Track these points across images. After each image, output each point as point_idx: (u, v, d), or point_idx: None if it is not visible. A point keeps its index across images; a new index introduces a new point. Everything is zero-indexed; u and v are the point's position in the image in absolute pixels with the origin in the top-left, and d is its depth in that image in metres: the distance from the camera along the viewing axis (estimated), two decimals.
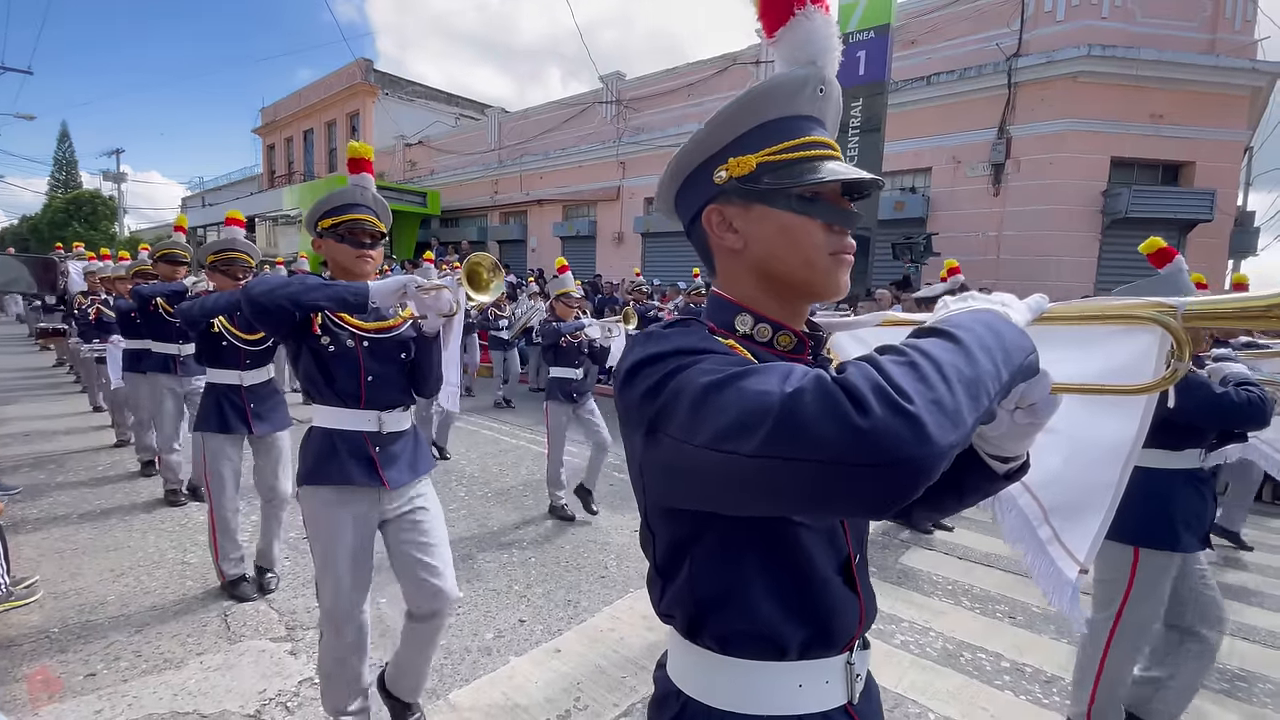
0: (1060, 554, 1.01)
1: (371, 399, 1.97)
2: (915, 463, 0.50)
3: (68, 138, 43.42)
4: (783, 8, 0.77)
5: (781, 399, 0.55)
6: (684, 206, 0.87)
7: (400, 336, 2.04)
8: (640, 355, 0.70)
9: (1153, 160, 9.07)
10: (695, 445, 0.59)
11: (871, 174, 0.77)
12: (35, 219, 38.61)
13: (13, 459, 5.23)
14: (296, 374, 2.00)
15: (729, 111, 0.78)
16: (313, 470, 1.93)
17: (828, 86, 0.80)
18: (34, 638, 2.72)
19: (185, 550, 3.65)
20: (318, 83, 23.85)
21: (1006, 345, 0.62)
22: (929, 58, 9.96)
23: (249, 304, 1.84)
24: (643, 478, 0.76)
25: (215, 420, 3.10)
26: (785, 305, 0.82)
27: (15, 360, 11.40)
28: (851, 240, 0.80)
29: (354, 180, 2.04)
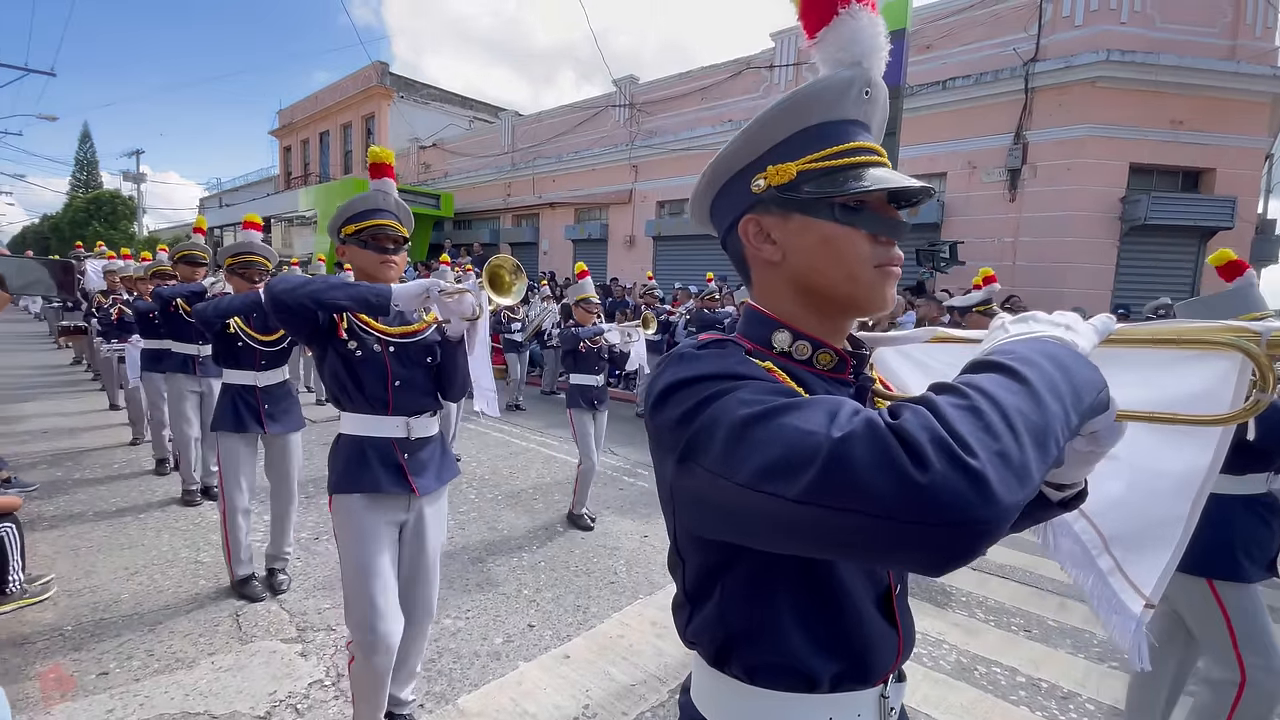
0: (1124, 586, 0.93)
1: (399, 404, 1.97)
2: (979, 524, 0.46)
3: (89, 138, 44.28)
4: (825, 7, 0.73)
5: (830, 443, 0.51)
6: (719, 216, 0.83)
7: (425, 341, 2.04)
8: (673, 378, 0.66)
9: (1172, 167, 8.94)
10: (733, 482, 0.56)
11: (919, 182, 0.72)
12: (56, 218, 39.32)
13: (31, 456, 5.30)
14: (323, 380, 2.01)
15: (768, 117, 0.74)
16: (343, 478, 1.93)
17: (874, 89, 0.75)
18: (48, 635, 2.74)
19: (199, 549, 3.68)
20: (334, 85, 24.07)
21: (1076, 383, 0.57)
22: (945, 62, 9.89)
23: (271, 301, 1.84)
24: (673, 502, 0.73)
25: (230, 420, 3.13)
26: (826, 321, 0.78)
27: (34, 358, 11.58)
28: (899, 252, 0.75)
29: (376, 185, 2.04)
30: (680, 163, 13.31)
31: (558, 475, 5.53)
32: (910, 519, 0.47)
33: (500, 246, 17.34)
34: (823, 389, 0.75)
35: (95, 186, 41.89)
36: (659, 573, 3.65)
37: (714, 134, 12.60)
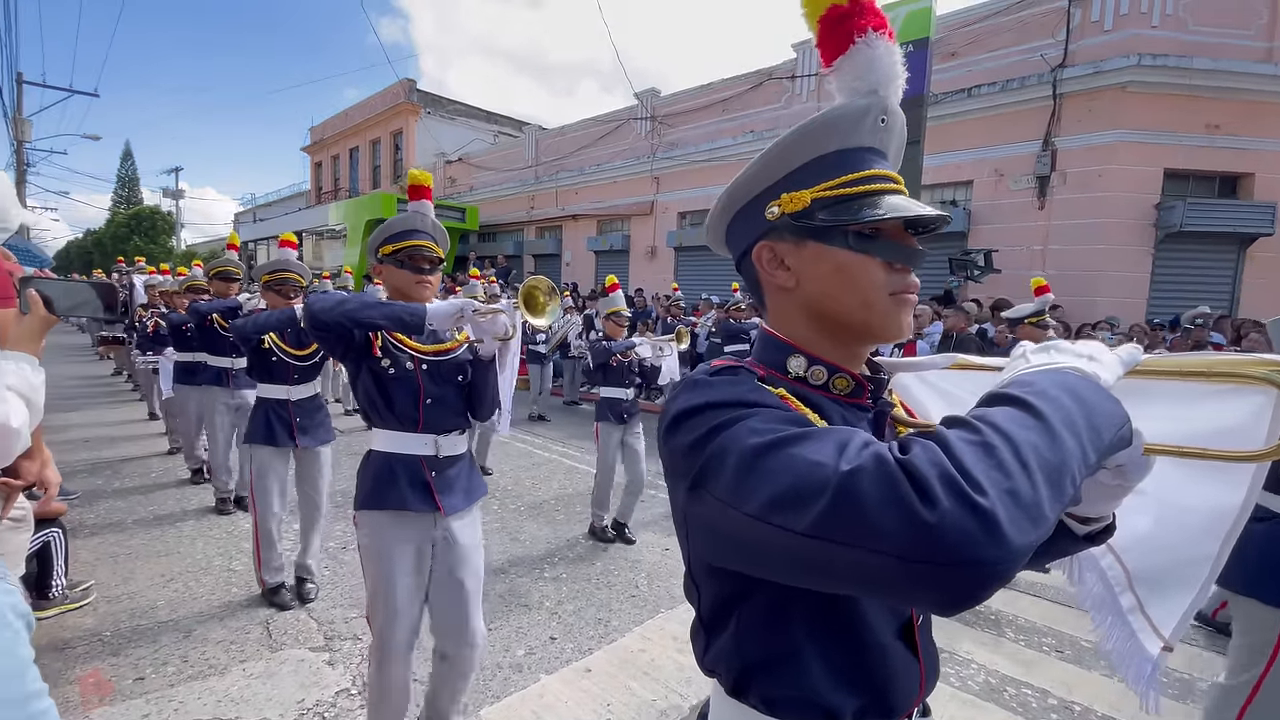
0: (1143, 626, 0.89)
1: (429, 422, 1.98)
2: (987, 565, 0.45)
3: (130, 156, 45.99)
4: (842, 36, 0.73)
5: (838, 477, 0.50)
6: (734, 241, 0.84)
7: (457, 359, 2.06)
8: (685, 405, 0.66)
9: (1209, 172, 8.71)
10: (742, 512, 0.56)
11: (936, 210, 0.72)
12: (99, 233, 40.81)
13: (73, 464, 5.49)
14: (356, 396, 2.02)
15: (783, 145, 0.74)
16: (370, 494, 1.96)
17: (890, 117, 0.76)
18: (87, 640, 2.83)
19: (231, 558, 3.77)
20: (363, 103, 24.69)
21: (1095, 419, 0.55)
22: (970, 70, 9.79)
23: (310, 319, 1.88)
24: (686, 527, 0.73)
25: (263, 433, 3.22)
26: (841, 347, 0.77)
27: (77, 369, 12.01)
28: (914, 279, 0.75)
29: (413, 207, 2.07)
30: (702, 174, 13.35)
31: (579, 486, 5.55)
32: (918, 558, 0.46)
33: (524, 258, 17.57)
34: (839, 415, 0.75)
35: (136, 202, 43.46)
36: (680, 586, 3.62)
37: (735, 145, 12.63)
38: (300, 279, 3.40)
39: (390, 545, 1.92)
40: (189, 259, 29.15)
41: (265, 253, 23.05)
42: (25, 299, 1.32)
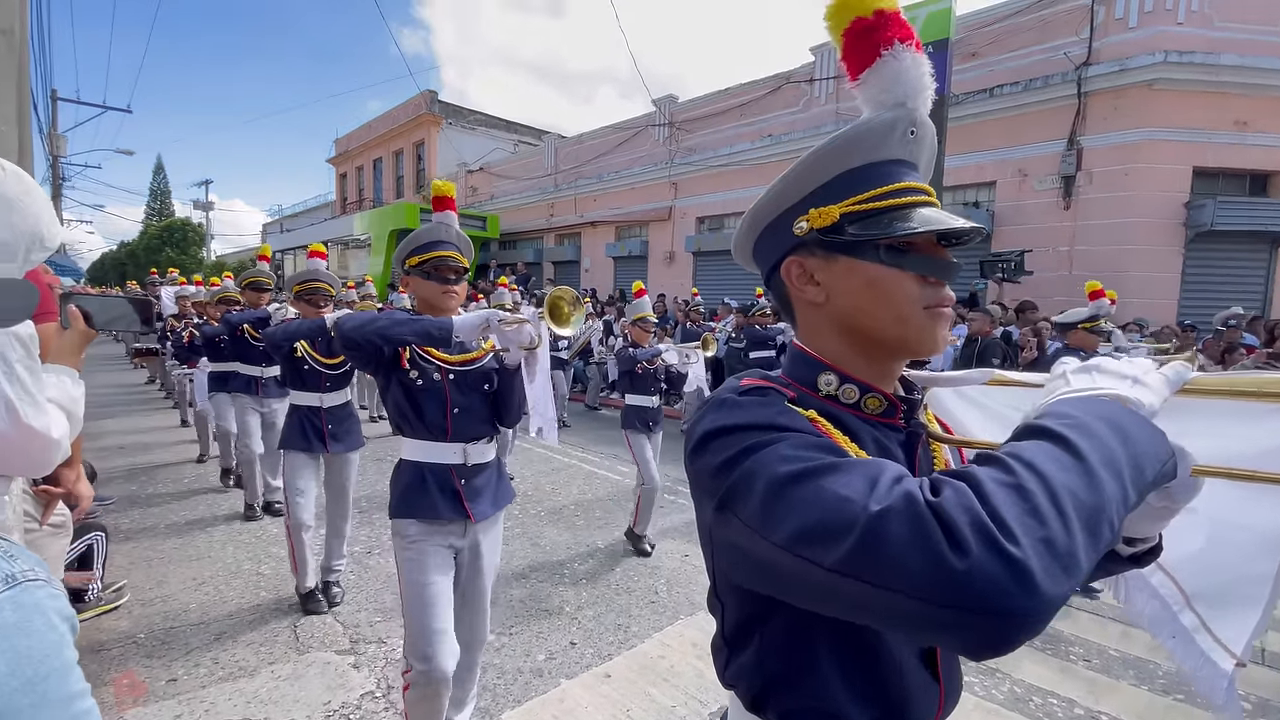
0: (1211, 645, 0.87)
1: (457, 431, 2.02)
2: (1017, 615, 0.44)
3: (162, 170, 47.40)
4: (868, 49, 0.72)
5: (868, 516, 0.50)
6: (762, 257, 0.83)
7: (484, 368, 2.10)
8: (713, 425, 0.66)
9: (1239, 170, 8.49)
10: (769, 541, 0.56)
11: (968, 222, 0.70)
12: (133, 245, 42.02)
13: (110, 471, 5.66)
14: (386, 407, 2.07)
15: (810, 161, 0.74)
16: (401, 503, 1.99)
17: (919, 129, 0.74)
18: (122, 643, 2.92)
19: (260, 561, 3.86)
20: (386, 114, 25.14)
21: (1138, 456, 0.53)
22: (992, 69, 9.67)
23: (341, 339, 1.94)
24: (711, 546, 0.73)
25: (298, 439, 3.30)
26: (874, 363, 0.76)
27: (113, 377, 12.37)
28: (949, 293, 0.73)
29: (438, 218, 2.11)
30: (720, 178, 13.36)
31: (599, 492, 5.58)
32: (945, 604, 0.46)
33: (543, 265, 17.71)
34: (871, 436, 0.74)
35: (168, 215, 44.70)
36: (699, 592, 3.64)
37: (753, 149, 12.62)
38: (330, 289, 3.48)
39: (425, 553, 1.95)
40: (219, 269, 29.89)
41: (293, 262, 23.56)
42: (66, 314, 1.38)
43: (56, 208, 11.40)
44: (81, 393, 1.38)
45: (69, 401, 1.31)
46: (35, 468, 1.23)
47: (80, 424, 1.35)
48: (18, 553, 0.61)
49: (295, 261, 22.97)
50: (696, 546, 4.27)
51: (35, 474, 1.34)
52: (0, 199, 0.93)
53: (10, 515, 1.52)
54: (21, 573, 0.59)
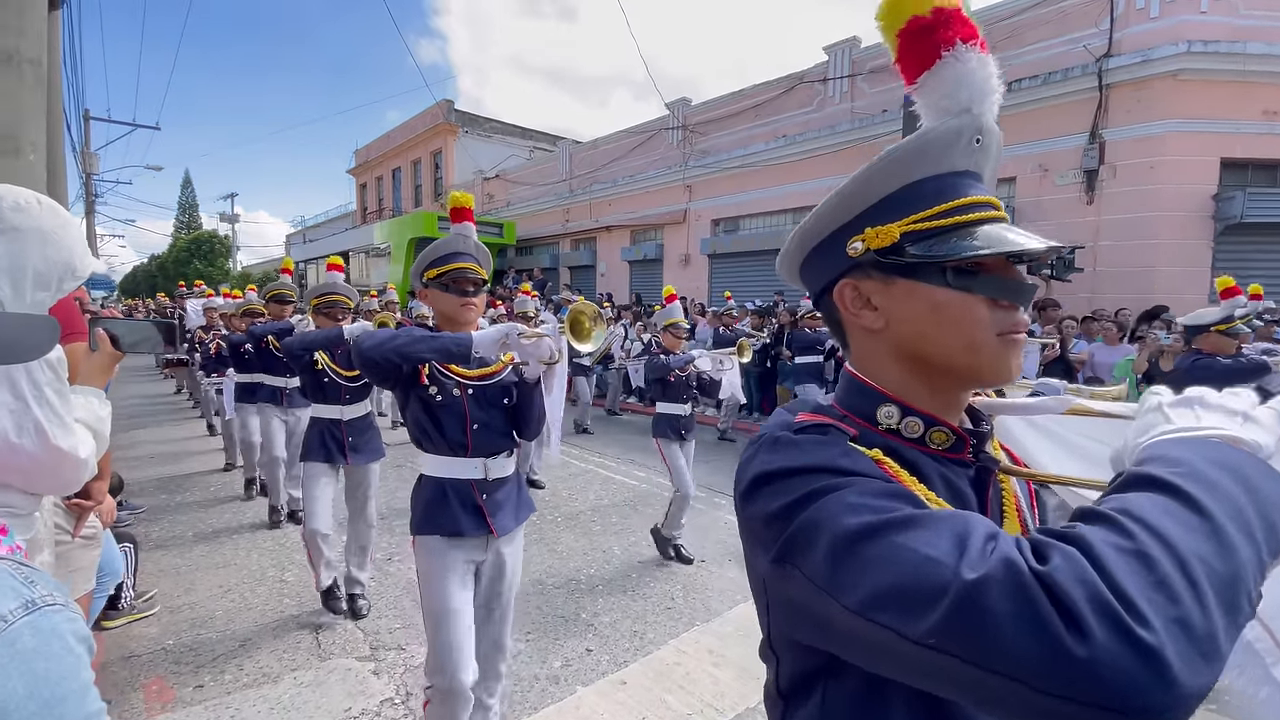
0: None
1: (477, 446, 2.01)
2: (1151, 714, 0.37)
3: (190, 184, 48.64)
4: (926, 50, 0.65)
5: (961, 585, 0.44)
6: (811, 278, 0.76)
7: (503, 382, 2.08)
8: (767, 466, 0.60)
9: (1269, 160, 8.24)
10: (839, 603, 0.50)
11: (1044, 241, 0.64)
12: (162, 257, 43.17)
13: (140, 480, 5.81)
14: (406, 423, 2.07)
15: (865, 176, 0.67)
16: (423, 519, 1.98)
17: (986, 136, 0.68)
18: (151, 650, 3.01)
19: (283, 568, 3.94)
20: (404, 125, 25.51)
21: (1267, 509, 0.45)
22: (1010, 64, 9.52)
23: (359, 357, 1.93)
24: (765, 595, 0.66)
25: (319, 451, 3.35)
26: (939, 393, 0.69)
27: (143, 388, 12.71)
28: (1024, 317, 0.66)
29: (456, 229, 2.09)
30: (734, 180, 13.33)
31: (615, 497, 5.59)
32: (1060, 693, 0.40)
33: (559, 271, 17.82)
34: (938, 474, 0.67)
35: (195, 228, 45.83)
36: (715, 599, 3.63)
37: (768, 150, 12.57)
38: (348, 301, 3.53)
39: (448, 569, 1.95)
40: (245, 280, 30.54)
41: (315, 272, 23.96)
42: (94, 337, 1.44)
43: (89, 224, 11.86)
44: (108, 412, 1.43)
45: (96, 421, 1.36)
46: (64, 487, 1.28)
47: (106, 442, 1.40)
48: (37, 578, 0.64)
49: (318, 271, 23.37)
50: (711, 552, 4.28)
51: (64, 492, 1.39)
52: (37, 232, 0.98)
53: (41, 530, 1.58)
54: (40, 598, 0.62)
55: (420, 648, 3.03)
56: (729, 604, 3.56)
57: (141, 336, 1.51)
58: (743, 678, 2.84)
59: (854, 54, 11.57)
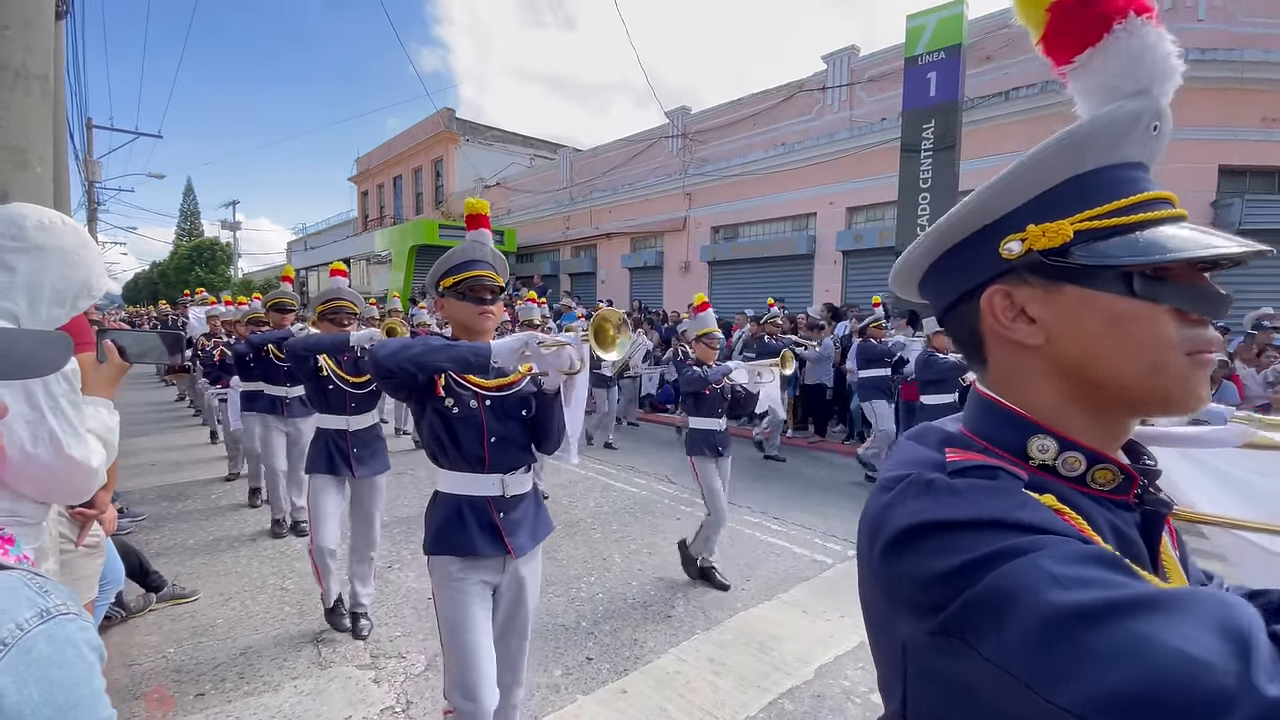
0: None
1: (495, 461, 1.92)
2: None
3: (192, 192, 48.89)
4: (1091, 23, 0.58)
5: (1257, 703, 0.35)
6: (939, 285, 0.67)
7: (521, 393, 1.99)
8: (925, 517, 0.51)
9: (1267, 167, 8.30)
10: (1043, 697, 0.41)
11: (1245, 244, 0.55)
12: (164, 265, 43.28)
13: (142, 488, 5.83)
14: (421, 437, 1.97)
15: (1029, 164, 0.59)
16: (438, 539, 1.89)
17: (1163, 122, 0.60)
18: (153, 657, 3.01)
19: (284, 576, 3.94)
20: (405, 133, 25.65)
21: None
22: (1007, 73, 9.60)
23: (374, 367, 1.82)
24: (904, 662, 0.56)
25: (323, 463, 3.24)
26: (1102, 423, 0.59)
27: (144, 395, 12.73)
28: (1215, 333, 0.57)
29: (472, 236, 2.01)
30: (733, 188, 13.40)
31: (615, 505, 5.59)
32: None
33: (560, 278, 17.87)
34: (1105, 520, 0.57)
35: (197, 235, 45.99)
36: (715, 607, 3.63)
37: (767, 158, 12.64)
38: (354, 307, 3.44)
39: (464, 591, 1.86)
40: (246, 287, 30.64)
41: (316, 279, 24.07)
42: (102, 349, 1.46)
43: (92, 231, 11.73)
44: (116, 422, 1.45)
45: (106, 431, 1.38)
46: (76, 495, 1.30)
47: (115, 451, 1.42)
48: (51, 588, 0.66)
49: (319, 278, 23.48)
50: (720, 558, 4.27)
51: (75, 501, 1.41)
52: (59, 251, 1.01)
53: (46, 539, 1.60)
54: (55, 607, 0.63)
55: (420, 655, 3.04)
56: (729, 613, 3.57)
57: (148, 347, 1.53)
58: (742, 686, 2.84)
59: (852, 63, 11.66)
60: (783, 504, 5.69)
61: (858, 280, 11.64)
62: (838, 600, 3.73)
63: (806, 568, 4.26)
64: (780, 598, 3.79)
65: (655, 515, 5.29)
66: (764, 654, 3.13)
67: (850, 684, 2.90)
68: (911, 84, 8.38)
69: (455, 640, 1.83)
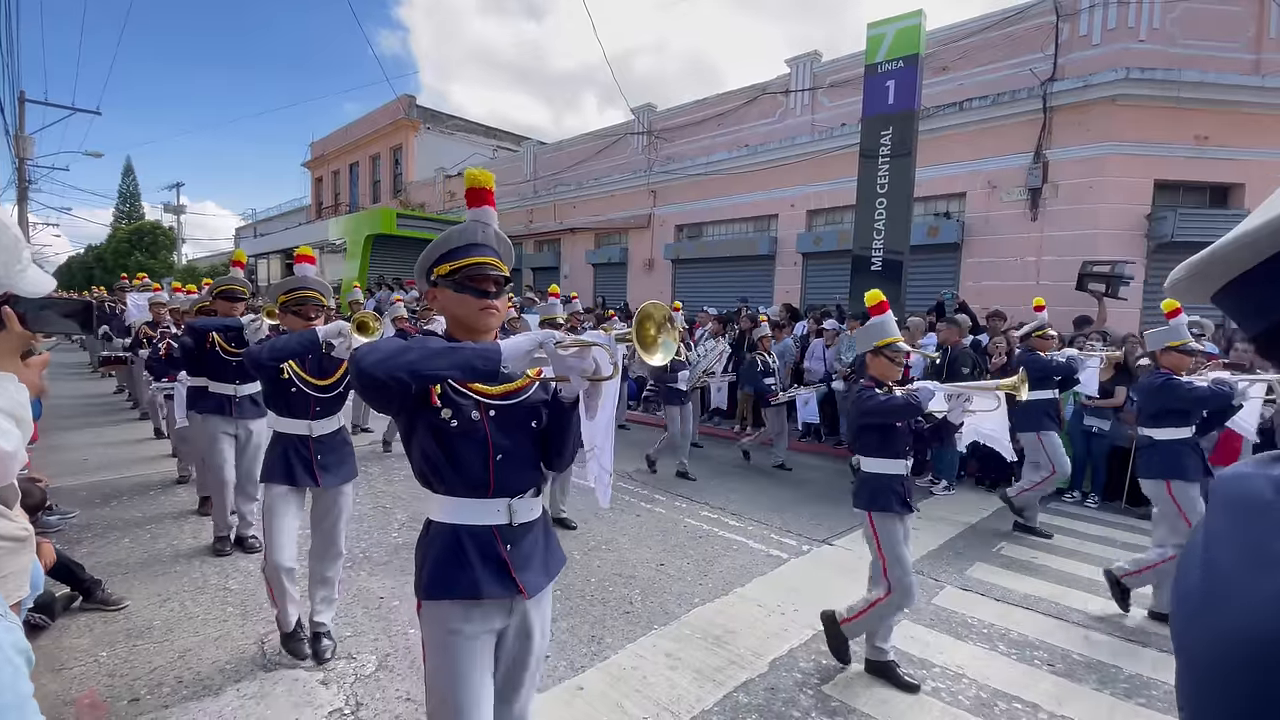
0: None
1: (501, 483, 1.59)
2: None
3: (132, 172, 46.46)
4: None
5: None
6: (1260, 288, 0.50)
7: (530, 400, 1.66)
8: None
9: (1199, 183, 8.80)
10: None
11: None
12: (101, 249, 41.08)
13: (72, 488, 5.51)
14: (411, 457, 1.65)
15: None
16: (435, 580, 1.56)
17: None
18: (83, 661, 2.85)
19: (227, 576, 3.79)
20: (363, 119, 24.95)
21: None
22: (961, 84, 9.91)
23: (361, 376, 1.44)
24: None
25: (280, 471, 2.88)
26: None
27: (76, 387, 12.03)
28: None
29: (474, 215, 1.67)
30: (697, 187, 13.48)
31: (572, 501, 5.54)
32: None
33: (523, 272, 17.67)
34: None
35: (137, 218, 43.78)
36: (674, 602, 3.65)
37: (731, 159, 12.75)
38: (322, 298, 3.05)
39: (463, 646, 1.55)
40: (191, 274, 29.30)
41: (267, 268, 23.17)
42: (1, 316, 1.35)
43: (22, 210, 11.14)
44: (26, 397, 1.35)
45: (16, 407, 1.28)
46: None
47: (30, 429, 1.33)
48: None
49: (269, 267, 22.61)
50: (671, 555, 4.30)
51: None
52: None
53: None
54: None
55: (371, 656, 2.97)
56: (686, 608, 3.59)
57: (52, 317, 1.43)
58: (699, 680, 2.86)
59: (815, 68, 11.85)
60: (740, 500, 5.76)
61: (817, 282, 11.86)
62: (792, 594, 3.80)
63: (762, 563, 4.32)
64: (736, 592, 3.84)
65: (614, 511, 5.28)
66: (720, 648, 3.16)
67: (803, 675, 2.96)
68: (871, 91, 8.56)
69: (447, 711, 1.54)
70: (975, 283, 9.59)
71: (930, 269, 10.04)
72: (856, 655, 3.08)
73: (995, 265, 9.51)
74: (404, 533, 4.57)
